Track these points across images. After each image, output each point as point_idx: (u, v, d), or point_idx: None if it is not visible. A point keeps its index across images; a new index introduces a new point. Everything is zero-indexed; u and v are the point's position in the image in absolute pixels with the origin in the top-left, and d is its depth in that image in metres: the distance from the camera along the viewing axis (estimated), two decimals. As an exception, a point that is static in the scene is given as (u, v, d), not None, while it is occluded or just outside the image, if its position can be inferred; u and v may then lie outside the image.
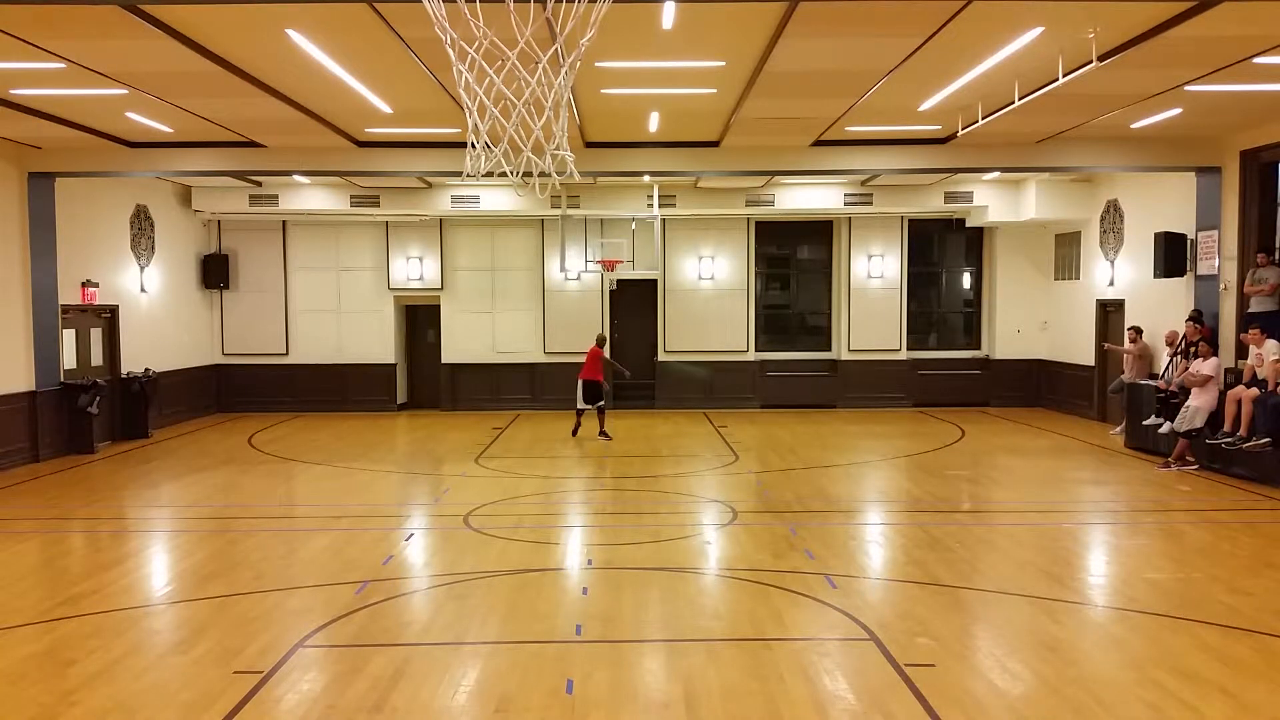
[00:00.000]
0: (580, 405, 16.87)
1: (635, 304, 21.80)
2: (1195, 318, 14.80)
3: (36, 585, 8.76)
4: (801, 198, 20.34)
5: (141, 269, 18.35)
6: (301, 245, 21.39)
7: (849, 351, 21.65)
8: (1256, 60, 10.36)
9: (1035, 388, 21.35)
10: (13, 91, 11.72)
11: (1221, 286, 14.87)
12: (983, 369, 21.65)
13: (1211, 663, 6.50)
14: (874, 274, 21.60)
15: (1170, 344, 15.75)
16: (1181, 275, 15.72)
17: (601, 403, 16.86)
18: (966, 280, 22.28)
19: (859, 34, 9.39)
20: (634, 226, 20.47)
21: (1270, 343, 12.90)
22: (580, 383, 16.82)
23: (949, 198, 20.11)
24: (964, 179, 19.55)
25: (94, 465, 14.99)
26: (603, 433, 16.90)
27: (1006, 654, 6.71)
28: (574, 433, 16.95)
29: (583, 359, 17.20)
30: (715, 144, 15.46)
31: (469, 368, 21.57)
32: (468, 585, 8.40)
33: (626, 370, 18.32)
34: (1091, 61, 9.82)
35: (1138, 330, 16.62)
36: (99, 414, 16.12)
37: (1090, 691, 6.03)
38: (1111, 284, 18.41)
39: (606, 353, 17.40)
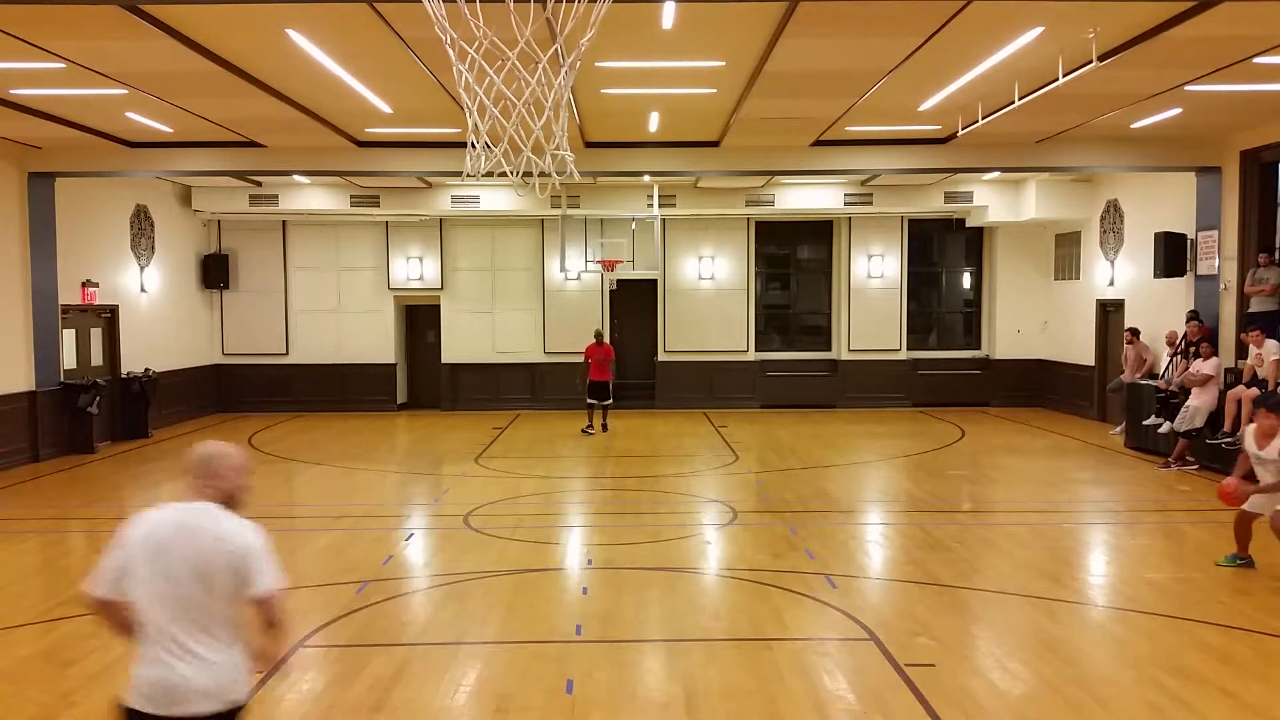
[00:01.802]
0: (589, 400, 17.64)
1: (635, 304, 21.78)
2: (1194, 317, 14.80)
3: (36, 585, 8.77)
4: (801, 198, 20.33)
5: (141, 269, 18.35)
6: (301, 245, 21.38)
7: (849, 351, 21.64)
8: (1256, 60, 10.36)
9: (1035, 388, 21.32)
10: (13, 91, 11.72)
11: (1221, 286, 14.86)
12: (983, 369, 21.63)
13: (1211, 663, 6.50)
14: (874, 274, 21.58)
15: (1170, 344, 15.74)
16: (1181, 275, 15.70)
17: (608, 401, 17.56)
18: (966, 280, 22.27)
19: (859, 34, 9.38)
20: (634, 226, 20.45)
21: (1270, 343, 12.88)
22: (588, 383, 17.65)
23: (949, 198, 20.09)
24: (964, 179, 19.53)
25: (94, 465, 14.99)
26: (604, 426, 17.65)
27: (1006, 654, 6.71)
28: (594, 430, 17.62)
29: (582, 359, 17.91)
30: (715, 144, 15.45)
31: (469, 368, 21.56)
32: (468, 585, 8.40)
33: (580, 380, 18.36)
34: (1091, 61, 9.81)
35: (1134, 331, 16.61)
36: (99, 414, 16.11)
37: (1090, 691, 6.03)
38: (1111, 284, 18.40)
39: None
